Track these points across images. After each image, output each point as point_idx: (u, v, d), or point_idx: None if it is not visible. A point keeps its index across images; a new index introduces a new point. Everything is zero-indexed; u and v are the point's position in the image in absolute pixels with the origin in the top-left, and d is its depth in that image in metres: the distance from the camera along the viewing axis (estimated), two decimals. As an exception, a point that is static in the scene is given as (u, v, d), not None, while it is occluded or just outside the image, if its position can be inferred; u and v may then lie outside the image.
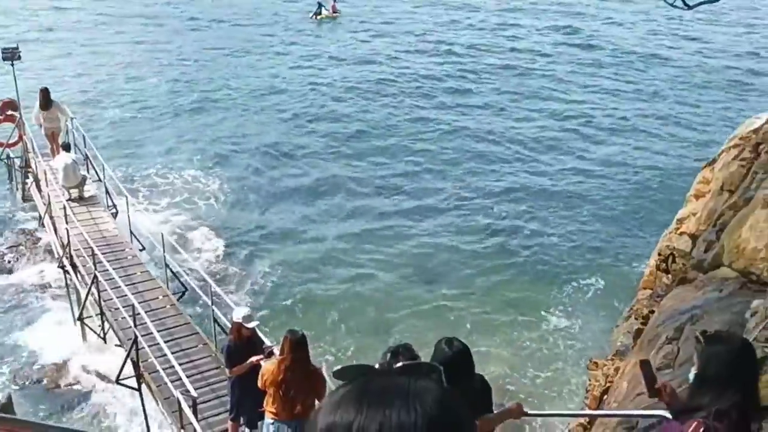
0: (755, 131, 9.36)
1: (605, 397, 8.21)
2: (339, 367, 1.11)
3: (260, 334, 8.50)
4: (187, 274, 11.84)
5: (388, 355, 4.08)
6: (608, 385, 8.33)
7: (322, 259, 16.82)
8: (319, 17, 39.75)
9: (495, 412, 4.50)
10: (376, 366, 1.13)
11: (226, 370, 7.96)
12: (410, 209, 19.18)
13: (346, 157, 22.36)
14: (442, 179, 20.95)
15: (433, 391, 0.99)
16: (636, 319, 9.30)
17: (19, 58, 16.63)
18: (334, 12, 40.16)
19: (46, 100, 16.27)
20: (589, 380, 9.23)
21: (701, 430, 3.05)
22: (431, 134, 24.22)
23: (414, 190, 20.27)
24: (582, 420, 8.46)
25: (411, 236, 17.87)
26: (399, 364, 1.12)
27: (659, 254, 9.81)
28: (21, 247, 16.60)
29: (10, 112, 17.53)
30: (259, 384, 6.95)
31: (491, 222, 18.57)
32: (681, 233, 9.59)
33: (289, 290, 15.62)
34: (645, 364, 3.71)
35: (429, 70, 31.10)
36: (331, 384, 7.25)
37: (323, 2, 39.89)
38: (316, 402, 6.77)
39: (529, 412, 5.01)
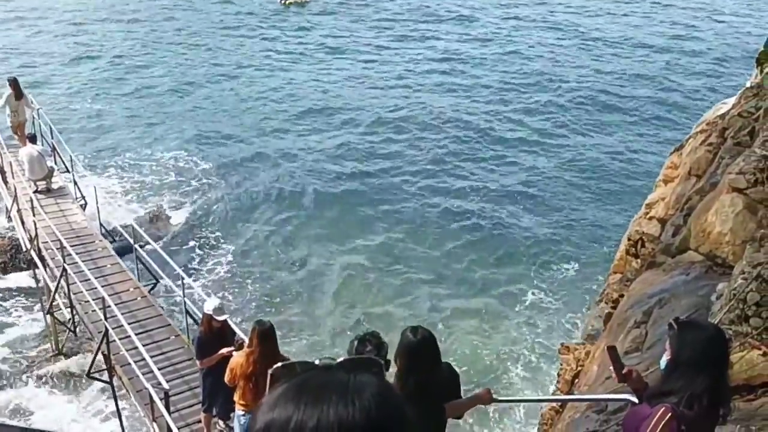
0: (722, 117, 9.48)
1: (576, 380, 8.30)
2: (279, 364, 1.10)
3: (233, 326, 8.44)
4: (158, 266, 11.69)
5: (356, 342, 4.07)
6: (579, 368, 8.42)
7: (294, 250, 16.78)
8: (287, 2, 39.42)
9: (464, 398, 4.51)
10: (334, 359, 1.12)
11: (197, 362, 7.90)
12: (382, 197, 19.18)
13: (319, 147, 22.25)
14: (414, 167, 20.95)
15: (372, 385, 0.98)
16: (606, 303, 9.41)
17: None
18: None
19: (18, 90, 15.99)
20: (561, 364, 9.33)
21: (669, 414, 3.08)
22: (403, 119, 24.19)
23: (387, 176, 20.25)
24: (554, 404, 8.55)
25: (381, 224, 17.89)
26: (340, 359, 1.11)
27: (629, 239, 9.91)
28: (-12, 241, 16.29)
29: (-27, 103, 17.10)
30: (227, 378, 6.88)
31: (462, 209, 18.64)
32: (650, 218, 9.70)
33: (260, 281, 15.57)
34: (612, 350, 3.75)
35: (401, 55, 31.02)
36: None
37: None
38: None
39: (499, 398, 5.03)
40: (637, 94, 26.90)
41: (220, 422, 8.64)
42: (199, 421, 8.58)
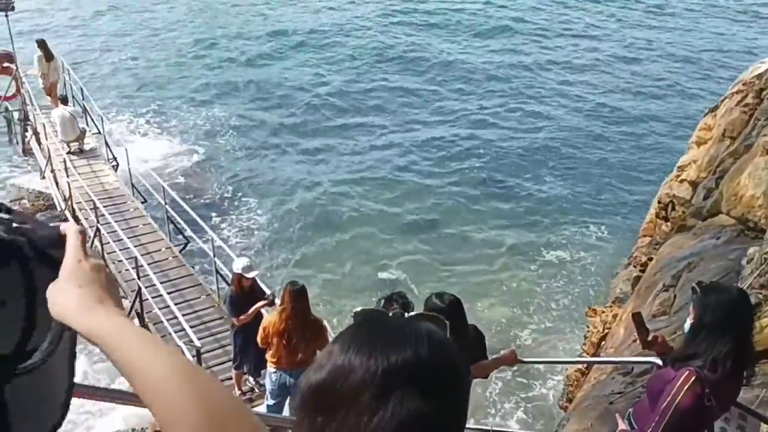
0: (759, 76, 9.25)
1: (603, 343, 8.33)
2: (358, 308, 1.20)
3: (261, 285, 8.59)
4: (189, 226, 11.86)
5: (382, 301, 4.12)
6: (606, 331, 8.43)
7: (323, 213, 16.83)
8: None
9: (489, 359, 4.56)
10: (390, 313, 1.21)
11: (234, 320, 8.05)
12: (407, 161, 19.11)
13: (347, 112, 22.15)
14: (439, 130, 20.82)
15: (431, 331, 1.03)
16: (634, 266, 9.36)
17: (13, 8, 16.37)
18: None
19: (48, 52, 16.13)
20: (587, 327, 9.35)
21: (693, 378, 3.10)
22: (427, 83, 23.96)
23: (412, 141, 20.16)
24: (580, 366, 8.60)
25: (407, 187, 17.86)
26: (412, 313, 1.18)
27: (659, 202, 9.81)
28: (23, 201, 16.63)
29: (6, 65, 17.29)
30: (259, 338, 7.04)
31: (489, 171, 18.52)
32: (681, 181, 9.57)
33: (289, 243, 15.70)
34: (637, 316, 3.76)
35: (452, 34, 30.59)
36: (331, 333, 7.36)
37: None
38: (317, 352, 6.87)
39: (524, 359, 5.08)
40: (671, 53, 26.27)
41: (251, 379, 8.86)
42: (230, 378, 8.80)
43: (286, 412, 7.19)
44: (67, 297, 0.95)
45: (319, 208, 16.99)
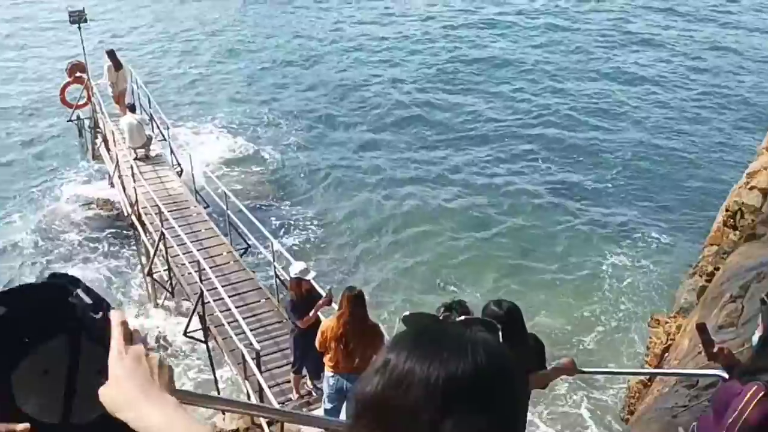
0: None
1: (666, 354, 8.11)
2: (408, 313, 1.20)
3: (318, 288, 8.68)
4: (249, 231, 12.09)
5: (442, 309, 4.11)
6: (669, 342, 8.22)
7: (381, 220, 16.90)
8: None
9: (548, 368, 4.50)
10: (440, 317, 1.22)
11: (297, 323, 8.12)
12: (465, 162, 19.02)
13: (410, 124, 22.06)
14: (499, 132, 20.66)
15: (487, 341, 1.03)
16: (700, 276, 9.09)
17: (86, 20, 17.03)
18: None
19: (117, 62, 16.73)
20: (650, 337, 9.12)
21: (761, 393, 3.00)
22: (488, 83, 23.82)
23: (470, 145, 20.06)
24: (642, 377, 8.40)
25: (465, 191, 17.77)
26: (461, 318, 1.19)
27: (727, 209, 9.50)
28: (92, 205, 17.28)
29: (78, 74, 18.00)
30: (318, 342, 7.12)
31: (550, 176, 18.28)
32: (750, 188, 9.25)
33: (347, 249, 15.83)
34: (702, 327, 3.66)
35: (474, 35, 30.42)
36: (388, 338, 7.39)
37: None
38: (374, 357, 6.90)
39: (583, 369, 4.99)
40: (738, 56, 25.42)
41: (308, 383, 8.96)
42: (288, 381, 8.93)
43: (342, 415, 7.25)
44: (114, 394, 1.02)
45: (378, 216, 17.05)
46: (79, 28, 16.78)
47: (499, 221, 16.43)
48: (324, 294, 8.46)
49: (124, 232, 16.06)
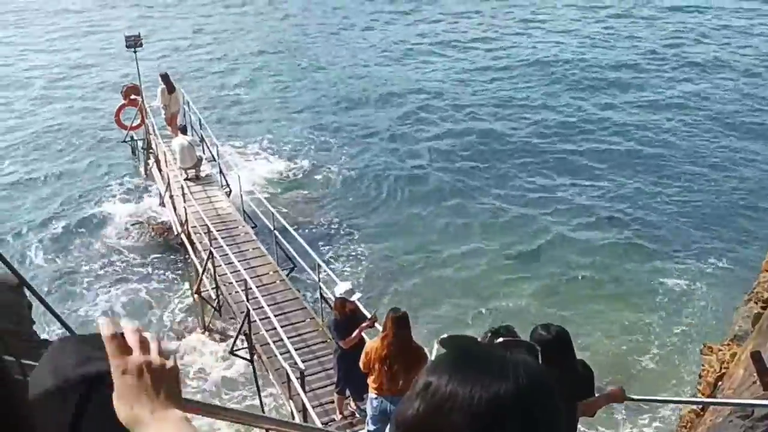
0: None
1: (720, 383, 7.85)
2: (445, 335, 1.19)
3: (362, 308, 8.69)
4: (295, 251, 12.19)
5: (489, 334, 4.08)
6: (723, 371, 7.95)
7: (427, 242, 16.83)
8: None
9: (596, 395, 4.42)
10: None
11: (340, 343, 8.14)
12: (513, 191, 18.87)
13: (451, 140, 22.17)
14: (554, 150, 20.51)
15: (528, 364, 1.02)
16: (756, 302, 8.79)
17: (141, 45, 17.56)
18: None
19: (170, 85, 17.21)
20: (703, 365, 8.84)
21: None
22: (538, 115, 23.67)
23: (520, 167, 19.93)
24: (695, 407, 8.14)
25: (515, 209, 17.64)
26: (500, 340, 1.19)
27: (783, 234, 9.20)
28: (144, 223, 17.69)
29: (133, 97, 18.56)
30: (362, 363, 7.11)
31: (606, 194, 18.03)
32: (808, 212, 8.95)
33: (392, 271, 15.80)
34: (756, 357, 3.55)
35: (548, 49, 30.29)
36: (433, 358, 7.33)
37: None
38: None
39: (633, 396, 4.88)
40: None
41: (352, 404, 8.94)
42: (332, 402, 8.92)
43: (386, 438, 7.21)
44: (122, 415, 1.00)
45: (424, 239, 16.99)
46: (135, 52, 17.29)
47: (545, 249, 16.18)
48: (369, 316, 8.46)
49: (173, 250, 16.36)
